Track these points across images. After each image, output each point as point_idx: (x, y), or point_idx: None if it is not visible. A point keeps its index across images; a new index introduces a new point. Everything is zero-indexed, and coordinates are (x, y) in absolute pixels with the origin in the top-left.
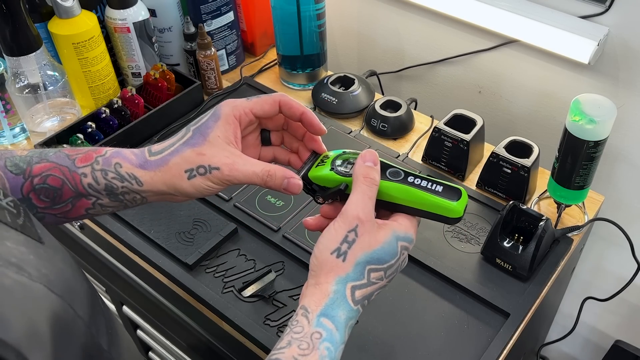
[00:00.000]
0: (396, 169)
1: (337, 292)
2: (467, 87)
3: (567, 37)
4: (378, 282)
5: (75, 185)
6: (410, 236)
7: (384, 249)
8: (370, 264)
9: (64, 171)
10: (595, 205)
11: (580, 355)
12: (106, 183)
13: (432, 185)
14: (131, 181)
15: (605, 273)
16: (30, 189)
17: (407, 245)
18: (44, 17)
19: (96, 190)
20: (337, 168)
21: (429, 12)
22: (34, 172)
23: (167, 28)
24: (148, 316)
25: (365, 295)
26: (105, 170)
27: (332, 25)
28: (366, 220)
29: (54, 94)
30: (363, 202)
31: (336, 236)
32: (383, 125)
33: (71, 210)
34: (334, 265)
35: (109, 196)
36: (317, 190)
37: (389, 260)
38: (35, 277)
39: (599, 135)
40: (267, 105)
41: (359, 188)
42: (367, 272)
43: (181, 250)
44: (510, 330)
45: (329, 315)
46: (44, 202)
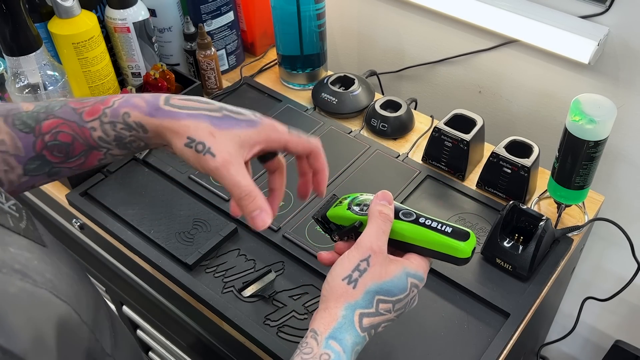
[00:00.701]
0: (408, 211)
1: (346, 317)
2: (467, 87)
3: (567, 37)
4: (386, 314)
5: (85, 139)
6: (421, 275)
7: (393, 282)
8: (379, 294)
9: (72, 127)
10: (595, 205)
11: (580, 355)
12: (115, 134)
13: (442, 227)
14: (138, 129)
15: (605, 273)
16: (43, 146)
17: (417, 283)
18: (44, 17)
19: (106, 142)
20: (353, 208)
21: (429, 12)
22: (44, 130)
23: (167, 28)
24: (148, 316)
25: (373, 324)
26: (113, 123)
27: (332, 25)
28: (379, 251)
29: (54, 94)
30: (377, 234)
31: (349, 264)
32: (383, 125)
33: (85, 162)
34: (344, 291)
35: (119, 146)
36: (333, 229)
37: (397, 294)
38: (40, 283)
39: (599, 135)
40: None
41: (374, 222)
42: (376, 302)
43: (181, 250)
44: (510, 330)
45: (337, 338)
46: (58, 157)
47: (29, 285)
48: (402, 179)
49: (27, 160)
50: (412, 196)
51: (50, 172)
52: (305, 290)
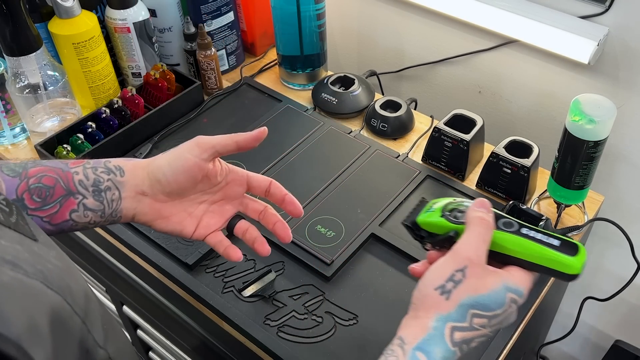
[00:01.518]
0: (509, 220)
1: (436, 329)
2: (467, 87)
3: (567, 37)
4: (480, 329)
5: (67, 182)
6: (522, 290)
7: (490, 296)
8: (475, 308)
9: (57, 172)
10: (595, 205)
11: (580, 355)
12: (95, 178)
13: (548, 239)
14: (116, 172)
15: (605, 273)
16: (25, 189)
17: (517, 299)
18: (44, 17)
19: (85, 187)
20: (447, 215)
21: (429, 12)
22: (30, 174)
23: (167, 28)
24: (148, 316)
25: (465, 339)
26: (95, 167)
27: (332, 25)
28: (477, 262)
29: (54, 94)
30: (476, 243)
31: (443, 273)
32: (383, 125)
33: (57, 212)
34: (435, 301)
35: (94, 194)
36: (425, 237)
37: (494, 309)
38: (31, 274)
39: (599, 135)
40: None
41: (473, 230)
42: (470, 316)
43: (181, 250)
44: (510, 330)
45: (424, 350)
46: (36, 202)
47: (20, 275)
48: (402, 179)
49: None
50: (412, 196)
51: None
52: (305, 290)
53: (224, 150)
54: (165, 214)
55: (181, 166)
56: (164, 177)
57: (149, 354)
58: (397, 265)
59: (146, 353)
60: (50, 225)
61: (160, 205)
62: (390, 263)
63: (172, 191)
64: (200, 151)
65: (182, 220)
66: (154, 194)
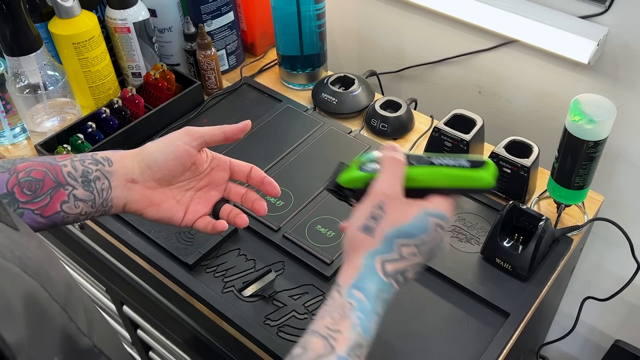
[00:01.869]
0: (419, 156)
1: (367, 265)
2: (467, 87)
3: (567, 37)
4: (411, 257)
5: (56, 174)
6: (442, 213)
7: (413, 224)
8: (400, 237)
9: (46, 165)
10: (595, 205)
11: (580, 355)
12: (83, 169)
13: (457, 161)
14: (104, 162)
15: (605, 273)
16: (15, 183)
17: (440, 223)
18: (44, 17)
19: (74, 178)
20: (363, 167)
21: (429, 12)
22: (19, 169)
23: (167, 28)
24: (148, 316)
25: (398, 269)
26: (83, 159)
27: (332, 25)
28: (393, 196)
29: (54, 94)
30: (390, 179)
31: (363, 213)
32: (383, 125)
33: (48, 204)
34: (362, 241)
35: (83, 184)
36: (348, 195)
37: (418, 234)
38: (8, 258)
39: (599, 135)
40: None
41: (386, 168)
42: (397, 246)
43: (181, 250)
44: (510, 330)
45: (359, 287)
46: (26, 195)
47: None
48: None
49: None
50: None
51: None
52: (305, 290)
53: (211, 140)
54: (156, 201)
55: (172, 152)
56: (155, 163)
57: (149, 354)
58: None
59: (146, 353)
60: (42, 218)
61: (150, 192)
62: None
63: (162, 177)
64: (190, 139)
65: (172, 207)
66: (145, 180)
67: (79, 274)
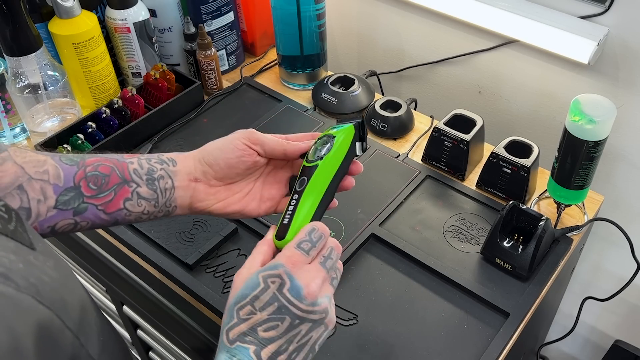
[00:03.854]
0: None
1: (220, 340)
2: (467, 87)
3: (567, 37)
4: (250, 316)
5: (122, 171)
6: (274, 264)
7: (245, 285)
8: (237, 303)
9: (113, 161)
10: (595, 205)
11: (580, 355)
12: (149, 167)
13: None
14: (168, 162)
15: (605, 273)
16: (83, 177)
17: (272, 273)
18: (44, 17)
19: (139, 176)
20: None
21: (429, 12)
22: (87, 163)
23: (167, 28)
24: (148, 316)
25: (242, 332)
26: (149, 158)
27: (332, 25)
28: (237, 274)
29: (54, 94)
30: (245, 262)
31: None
32: (383, 125)
33: (112, 200)
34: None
35: (147, 182)
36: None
37: (249, 292)
38: (22, 288)
39: (599, 135)
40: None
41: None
42: (235, 311)
43: (181, 250)
44: (510, 330)
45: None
46: (92, 190)
47: (10, 289)
48: (402, 179)
49: (63, 191)
50: (412, 196)
51: (77, 209)
52: None
53: (271, 154)
54: (222, 197)
55: (231, 151)
56: (215, 162)
57: (149, 354)
58: (397, 265)
59: (146, 353)
60: (104, 215)
61: (215, 190)
62: (390, 263)
63: (224, 176)
64: (250, 142)
65: (240, 200)
66: (207, 179)
67: (79, 274)
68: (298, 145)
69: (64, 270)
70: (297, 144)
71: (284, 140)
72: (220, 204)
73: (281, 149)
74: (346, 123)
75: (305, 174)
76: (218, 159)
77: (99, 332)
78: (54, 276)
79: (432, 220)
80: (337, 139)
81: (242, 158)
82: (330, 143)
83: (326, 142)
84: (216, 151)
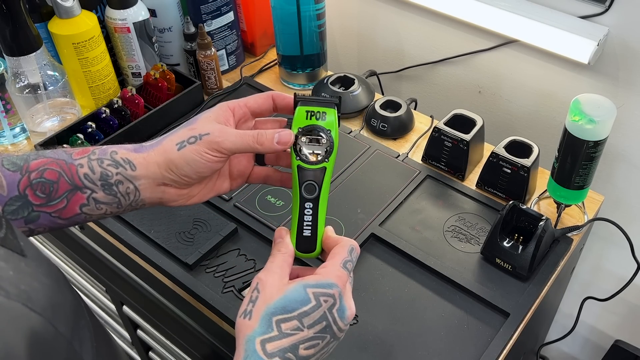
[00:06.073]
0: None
1: (248, 349)
2: (467, 87)
3: (567, 37)
4: (295, 332)
5: (71, 176)
6: (326, 282)
7: (287, 297)
8: (276, 314)
9: (60, 164)
10: (595, 205)
11: (580, 355)
12: (101, 171)
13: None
14: (125, 166)
15: (605, 273)
16: (27, 184)
17: (325, 291)
18: (44, 17)
19: (91, 181)
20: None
21: (429, 12)
22: (31, 168)
23: (167, 28)
24: (148, 316)
25: (283, 347)
26: (101, 159)
27: (332, 25)
28: (266, 278)
29: (54, 94)
30: (269, 267)
31: (244, 301)
32: (383, 125)
33: (66, 207)
34: (242, 326)
35: (104, 188)
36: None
37: (298, 307)
38: (13, 295)
39: (599, 135)
40: (261, 99)
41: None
42: (275, 323)
43: (181, 250)
44: (510, 330)
45: None
46: (40, 198)
47: (0, 297)
48: (402, 179)
49: (8, 200)
50: (412, 196)
51: (29, 218)
52: None
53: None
54: (195, 193)
55: (202, 165)
56: (185, 174)
57: (149, 354)
58: (397, 265)
59: (146, 353)
60: (61, 220)
61: (187, 190)
62: (390, 263)
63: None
64: (220, 154)
65: (213, 187)
66: (179, 185)
67: (79, 274)
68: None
69: (56, 276)
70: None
71: (250, 137)
72: (196, 197)
73: (251, 148)
74: (322, 103)
75: (311, 177)
76: (188, 172)
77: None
78: (46, 282)
79: (432, 220)
80: (334, 134)
81: (213, 167)
82: (328, 139)
83: (319, 137)
84: (184, 165)
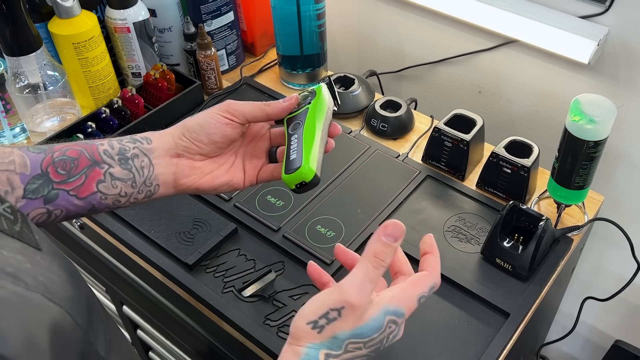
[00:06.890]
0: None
1: (309, 354)
2: (467, 87)
3: (567, 37)
4: (355, 351)
5: (92, 152)
6: (402, 311)
7: (367, 325)
8: (350, 339)
9: (83, 145)
10: (595, 205)
11: (580, 355)
12: (120, 147)
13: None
14: (142, 141)
15: (605, 273)
16: (50, 162)
17: (396, 320)
18: (44, 17)
19: (110, 156)
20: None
21: (429, 12)
22: (55, 149)
23: (167, 28)
24: (148, 316)
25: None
26: (120, 139)
27: (332, 25)
28: (357, 306)
29: (54, 94)
30: (362, 284)
31: (319, 309)
32: (383, 125)
33: (84, 184)
34: (308, 334)
35: (120, 162)
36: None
37: (370, 334)
38: (32, 287)
39: (599, 135)
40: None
41: (363, 267)
42: (345, 345)
43: (181, 250)
44: (510, 330)
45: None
46: (61, 175)
47: (20, 288)
48: (402, 179)
49: (30, 179)
50: (412, 196)
51: (48, 197)
52: (305, 290)
53: (253, 119)
54: (208, 171)
55: (213, 125)
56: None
57: (149, 354)
58: None
59: (146, 353)
60: (78, 200)
61: (200, 164)
62: None
63: (209, 151)
64: (232, 116)
65: (227, 172)
66: (190, 155)
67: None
68: (279, 104)
69: (70, 269)
70: (278, 103)
71: (260, 103)
72: (208, 176)
73: (262, 113)
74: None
75: (298, 119)
76: (200, 134)
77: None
78: (61, 275)
79: (432, 220)
80: (318, 89)
81: (225, 131)
82: (313, 94)
83: (307, 96)
84: (197, 127)
